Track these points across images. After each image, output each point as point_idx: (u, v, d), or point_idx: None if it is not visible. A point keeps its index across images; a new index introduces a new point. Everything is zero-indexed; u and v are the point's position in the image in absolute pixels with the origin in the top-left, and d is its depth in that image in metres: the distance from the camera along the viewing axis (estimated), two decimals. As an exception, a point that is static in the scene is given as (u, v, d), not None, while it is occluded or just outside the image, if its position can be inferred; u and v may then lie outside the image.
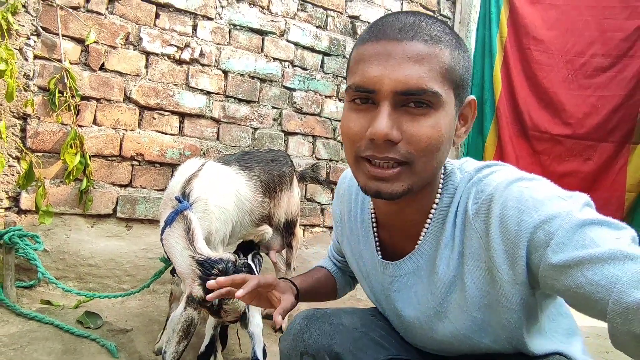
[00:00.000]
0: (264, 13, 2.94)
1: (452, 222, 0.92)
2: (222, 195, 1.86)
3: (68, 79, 2.27)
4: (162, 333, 1.97)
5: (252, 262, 1.97)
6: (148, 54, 2.54)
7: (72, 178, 2.26)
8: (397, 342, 1.10)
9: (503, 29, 3.83)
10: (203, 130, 2.72)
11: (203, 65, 2.71)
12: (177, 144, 2.63)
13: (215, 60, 2.76)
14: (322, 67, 3.19)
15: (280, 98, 3.02)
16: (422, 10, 3.73)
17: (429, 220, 0.95)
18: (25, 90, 2.20)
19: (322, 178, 2.66)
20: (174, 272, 1.76)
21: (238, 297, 1.03)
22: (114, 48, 2.44)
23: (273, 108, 2.99)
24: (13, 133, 2.19)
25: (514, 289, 0.83)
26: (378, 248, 1.07)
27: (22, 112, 2.20)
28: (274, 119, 3.00)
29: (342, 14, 3.29)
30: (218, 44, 2.77)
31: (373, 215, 1.08)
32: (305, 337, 1.05)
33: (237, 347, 2.09)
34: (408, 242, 1.00)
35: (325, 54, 3.20)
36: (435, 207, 0.95)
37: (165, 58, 2.60)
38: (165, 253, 1.72)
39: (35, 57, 2.23)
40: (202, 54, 2.70)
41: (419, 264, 0.98)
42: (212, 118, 2.75)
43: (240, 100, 2.86)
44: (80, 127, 2.33)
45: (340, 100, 3.25)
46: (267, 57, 2.95)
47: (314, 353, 1.03)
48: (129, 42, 2.49)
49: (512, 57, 3.82)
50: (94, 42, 2.36)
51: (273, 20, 2.97)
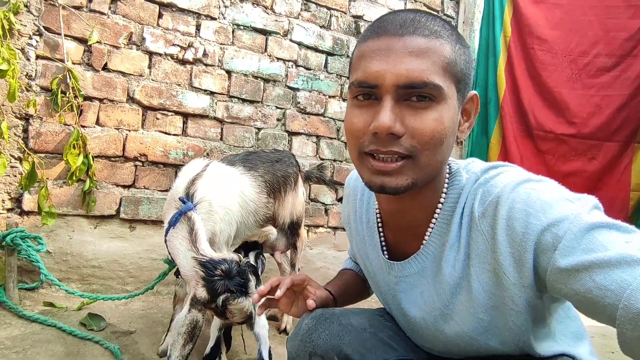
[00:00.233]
0: (268, 13, 2.92)
1: (457, 222, 0.91)
2: (226, 196, 1.84)
3: (71, 79, 2.25)
4: (166, 335, 1.95)
5: (254, 262, 1.96)
6: (151, 54, 2.53)
7: (75, 179, 2.25)
8: (405, 343, 1.09)
9: (507, 29, 3.81)
10: (207, 131, 2.70)
11: (206, 65, 2.70)
12: (180, 145, 2.61)
13: (219, 60, 2.74)
14: (325, 67, 3.18)
15: (284, 98, 3.00)
16: (425, 10, 3.71)
17: (434, 221, 0.95)
18: (28, 91, 2.19)
19: (328, 178, 2.65)
20: (179, 273, 1.74)
21: (279, 296, 1.06)
22: (117, 48, 2.43)
23: (277, 108, 2.97)
24: (15, 134, 2.17)
25: (521, 292, 0.82)
26: (384, 248, 1.07)
27: (24, 112, 2.19)
28: (278, 119, 2.98)
29: (345, 14, 3.27)
30: (221, 44, 2.75)
31: (378, 216, 1.08)
32: (314, 337, 1.04)
33: (241, 348, 2.07)
34: (413, 242, 0.99)
35: (329, 54, 3.19)
36: (441, 207, 0.94)
37: (169, 58, 2.58)
38: (169, 254, 1.70)
39: (38, 57, 2.22)
40: (205, 54, 2.68)
41: (424, 265, 0.97)
42: (215, 118, 2.74)
43: (244, 101, 2.84)
44: (83, 127, 2.32)
45: (344, 100, 3.23)
46: (270, 57, 2.94)
47: (323, 354, 1.02)
48: (132, 42, 2.48)
49: (516, 56, 3.81)
50: (97, 42, 2.35)
51: (276, 20, 2.96)
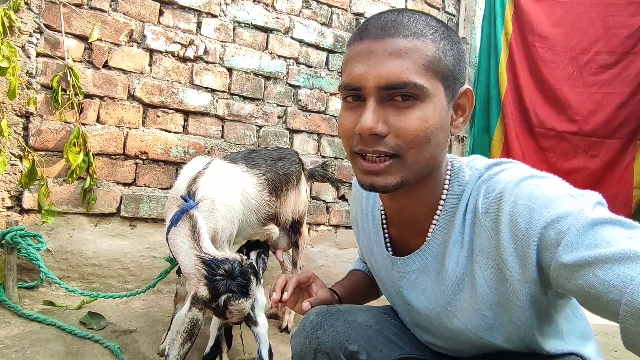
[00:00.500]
0: (269, 10, 2.91)
1: (461, 219, 0.91)
2: (228, 194, 1.83)
3: (71, 77, 2.24)
4: (166, 334, 1.94)
5: (255, 261, 1.95)
6: (152, 52, 2.52)
7: (75, 177, 2.24)
8: (410, 341, 1.09)
9: (508, 26, 3.80)
10: (207, 128, 2.69)
11: (207, 63, 2.68)
12: (181, 142, 2.60)
13: (220, 58, 2.73)
14: (327, 64, 3.16)
15: (285, 96, 2.99)
16: (426, 8, 3.70)
17: (437, 217, 0.95)
18: (28, 88, 2.18)
19: (332, 176, 2.64)
20: (180, 272, 1.73)
21: (285, 299, 1.09)
22: (118, 45, 2.41)
23: (278, 106, 2.96)
24: (15, 131, 2.16)
25: (524, 287, 0.82)
26: (388, 244, 1.08)
27: (24, 110, 2.17)
28: (279, 117, 2.97)
29: (347, 11, 3.26)
30: (222, 42, 2.74)
31: (383, 212, 1.10)
32: (320, 334, 1.03)
33: (241, 348, 2.06)
34: (417, 238, 1.00)
35: (330, 51, 3.17)
36: (443, 203, 0.95)
37: (170, 55, 2.57)
38: (171, 253, 1.69)
39: (38, 54, 2.20)
40: (206, 52, 2.67)
41: (427, 261, 0.98)
42: (216, 116, 2.72)
43: (245, 98, 2.83)
44: (84, 125, 2.31)
45: (345, 98, 3.21)
46: (271, 54, 2.92)
47: (328, 350, 1.01)
48: (133, 39, 2.46)
49: (517, 54, 3.80)
50: (98, 39, 2.33)
51: (277, 18, 2.94)
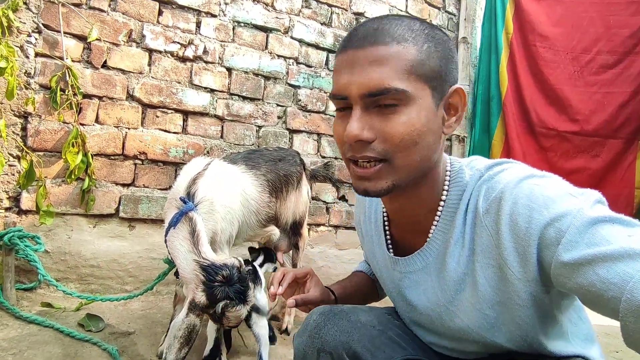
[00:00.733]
0: (268, 10, 2.89)
1: (462, 219, 0.92)
2: (228, 195, 1.81)
3: (70, 77, 2.22)
4: (165, 336, 1.93)
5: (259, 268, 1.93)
6: (151, 52, 2.50)
7: (73, 177, 2.22)
8: (413, 342, 1.09)
9: (509, 26, 3.79)
10: (207, 129, 2.68)
11: (207, 63, 2.67)
12: (180, 143, 2.59)
13: (219, 58, 2.71)
14: (327, 64, 3.15)
15: (285, 96, 2.97)
16: (426, 8, 3.69)
17: (437, 217, 0.96)
18: (26, 89, 2.16)
19: (334, 177, 2.62)
20: (178, 274, 1.72)
21: (279, 294, 1.12)
22: (117, 45, 2.40)
23: (277, 106, 2.95)
24: (14, 132, 2.15)
25: (526, 286, 0.82)
26: (389, 244, 1.09)
27: (22, 110, 2.16)
28: (279, 117, 2.95)
29: (347, 11, 3.25)
30: (222, 41, 2.72)
31: (385, 214, 1.10)
32: (323, 333, 1.03)
33: (241, 349, 2.05)
34: (418, 239, 1.00)
35: (330, 51, 3.16)
36: (443, 203, 0.95)
37: (169, 55, 2.55)
38: (169, 255, 1.67)
39: (37, 54, 2.19)
40: (205, 52, 2.66)
41: (428, 261, 0.98)
42: (216, 116, 2.71)
43: (245, 98, 2.81)
44: (82, 125, 2.29)
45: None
46: (271, 54, 2.91)
47: (332, 350, 1.01)
48: (132, 39, 2.45)
49: (518, 53, 3.79)
50: (96, 39, 2.32)
51: (277, 17, 2.93)
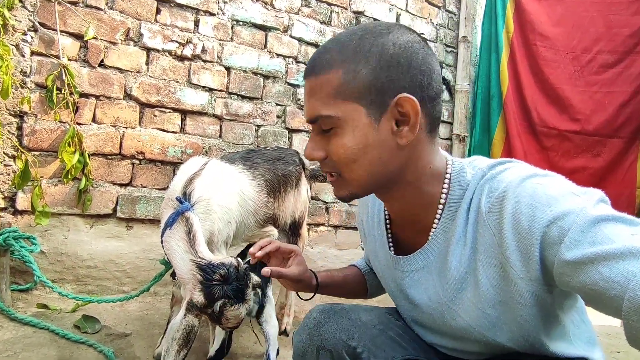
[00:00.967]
0: (267, 8, 2.87)
1: (464, 218, 0.92)
2: (225, 195, 1.79)
3: (66, 76, 2.20)
4: (162, 337, 1.91)
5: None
6: (149, 50, 2.48)
7: (70, 177, 2.19)
8: (414, 342, 1.09)
9: (509, 25, 3.77)
10: (205, 128, 2.65)
11: (205, 62, 2.65)
12: (178, 142, 2.56)
13: (218, 57, 2.69)
14: (326, 63, 3.12)
15: (284, 95, 2.95)
16: (427, 7, 3.67)
17: (438, 216, 0.96)
18: (22, 87, 2.14)
19: None
20: (175, 275, 1.70)
21: (258, 256, 1.13)
22: (114, 44, 2.38)
23: (277, 105, 2.92)
24: (9, 131, 2.12)
25: (528, 285, 0.82)
26: (391, 243, 1.09)
27: (18, 109, 2.14)
28: (278, 116, 2.93)
29: (346, 10, 3.22)
30: (220, 40, 2.70)
31: (387, 213, 1.10)
32: (323, 331, 1.03)
33: (240, 351, 2.03)
34: (419, 238, 1.00)
35: (330, 50, 3.13)
36: (443, 202, 0.95)
37: (167, 54, 2.53)
38: (166, 255, 1.65)
39: (33, 53, 2.17)
40: (204, 50, 2.63)
41: (430, 260, 0.98)
42: (214, 115, 2.68)
43: (243, 97, 2.79)
44: (79, 125, 2.27)
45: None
46: (270, 53, 2.89)
47: (331, 348, 1.01)
48: (129, 38, 2.42)
49: (518, 52, 3.77)
50: (93, 37, 2.30)
51: (276, 16, 2.90)
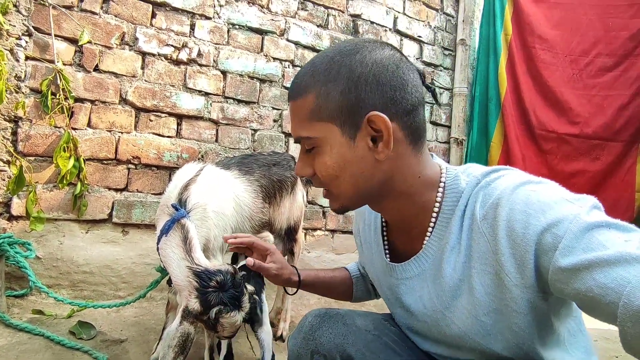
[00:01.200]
0: (264, 12, 2.87)
1: (458, 225, 0.92)
2: (220, 201, 1.78)
3: (61, 81, 2.19)
4: (157, 343, 1.90)
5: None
6: (144, 55, 2.47)
7: (65, 182, 2.19)
8: (409, 349, 1.09)
9: (507, 27, 3.76)
10: (201, 132, 2.65)
11: (201, 66, 2.64)
12: (174, 147, 2.55)
13: (214, 61, 2.68)
14: (323, 66, 3.11)
15: (281, 99, 2.94)
16: (424, 9, 3.66)
17: (432, 224, 0.96)
18: (17, 92, 2.13)
19: None
20: (171, 282, 1.69)
21: (231, 242, 1.25)
22: (109, 48, 2.37)
23: (273, 109, 2.91)
24: (4, 136, 2.11)
25: (523, 293, 0.82)
26: (386, 250, 1.09)
27: (13, 114, 2.13)
28: (274, 120, 2.92)
29: (343, 13, 3.22)
30: (216, 44, 2.69)
31: (383, 220, 1.11)
32: (317, 335, 1.03)
33: (242, 355, 2.02)
34: (415, 245, 1.00)
35: (327, 54, 3.12)
36: (437, 210, 0.96)
37: (162, 58, 2.52)
38: (162, 262, 1.64)
39: (27, 58, 2.16)
40: (200, 54, 2.63)
41: (424, 267, 0.98)
42: (210, 119, 2.68)
43: (240, 101, 2.78)
44: (74, 129, 2.26)
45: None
46: (266, 57, 2.88)
47: (326, 352, 1.01)
48: (125, 42, 2.42)
49: (517, 55, 3.76)
50: (88, 42, 2.29)
51: (273, 20, 2.90)
